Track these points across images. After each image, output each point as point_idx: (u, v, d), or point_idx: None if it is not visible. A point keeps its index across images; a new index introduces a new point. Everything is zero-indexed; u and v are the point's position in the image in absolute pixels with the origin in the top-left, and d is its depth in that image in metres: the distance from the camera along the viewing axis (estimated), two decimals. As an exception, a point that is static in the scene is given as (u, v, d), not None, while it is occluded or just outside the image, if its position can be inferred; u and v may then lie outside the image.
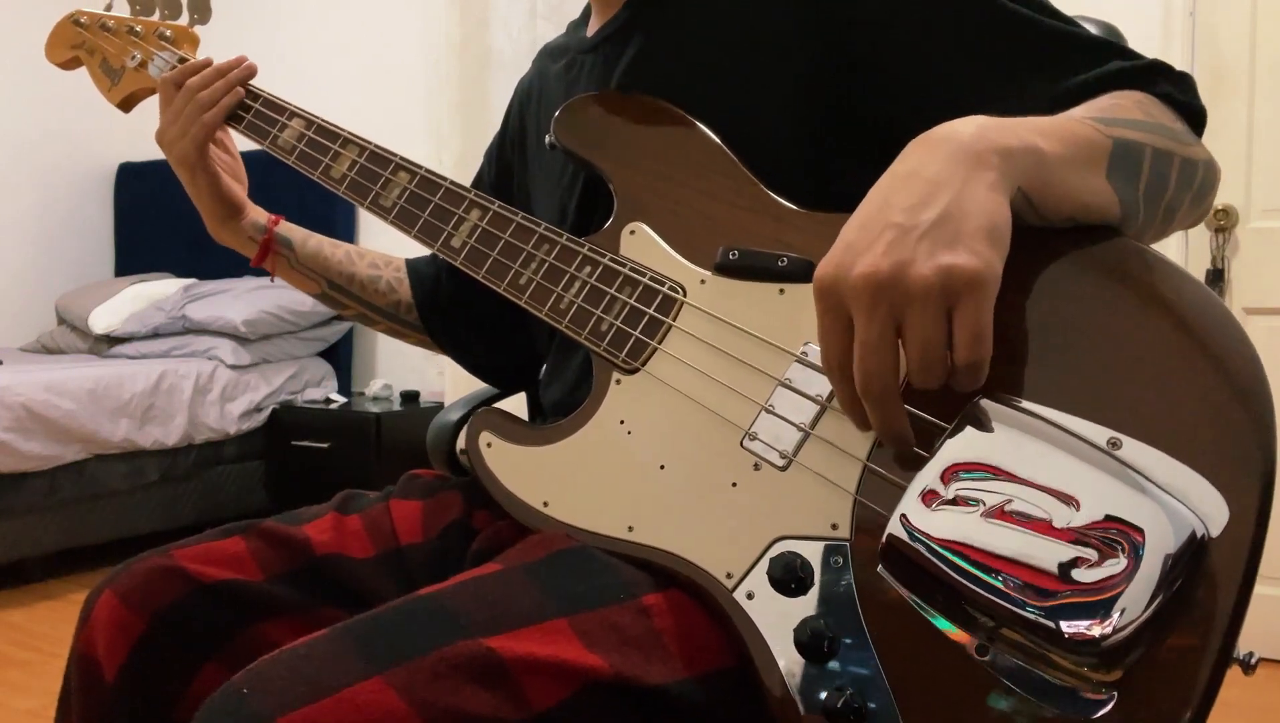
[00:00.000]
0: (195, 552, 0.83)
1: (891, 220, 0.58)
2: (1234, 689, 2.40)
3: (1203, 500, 0.56)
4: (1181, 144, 0.71)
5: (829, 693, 0.59)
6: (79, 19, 1.13)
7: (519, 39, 3.11)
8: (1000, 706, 0.56)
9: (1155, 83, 0.73)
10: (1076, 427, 0.59)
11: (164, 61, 1.08)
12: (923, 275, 0.56)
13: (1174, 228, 0.73)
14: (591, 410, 0.77)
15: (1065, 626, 0.54)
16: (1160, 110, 0.72)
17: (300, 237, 1.07)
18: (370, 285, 1.09)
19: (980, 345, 0.57)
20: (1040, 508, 0.56)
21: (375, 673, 0.58)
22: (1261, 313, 2.38)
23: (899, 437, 0.61)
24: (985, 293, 0.56)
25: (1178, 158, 0.69)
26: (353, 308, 1.10)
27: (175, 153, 1.00)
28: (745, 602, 0.65)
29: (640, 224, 0.81)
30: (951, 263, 0.56)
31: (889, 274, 0.56)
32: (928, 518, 0.58)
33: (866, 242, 0.58)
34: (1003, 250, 0.58)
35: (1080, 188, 0.64)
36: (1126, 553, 0.54)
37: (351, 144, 0.95)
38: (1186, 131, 0.73)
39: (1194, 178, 0.71)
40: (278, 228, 1.05)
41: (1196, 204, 0.73)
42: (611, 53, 0.90)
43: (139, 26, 1.11)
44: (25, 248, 4.01)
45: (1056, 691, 0.55)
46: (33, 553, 2.89)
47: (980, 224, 0.57)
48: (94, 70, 1.13)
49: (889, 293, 0.57)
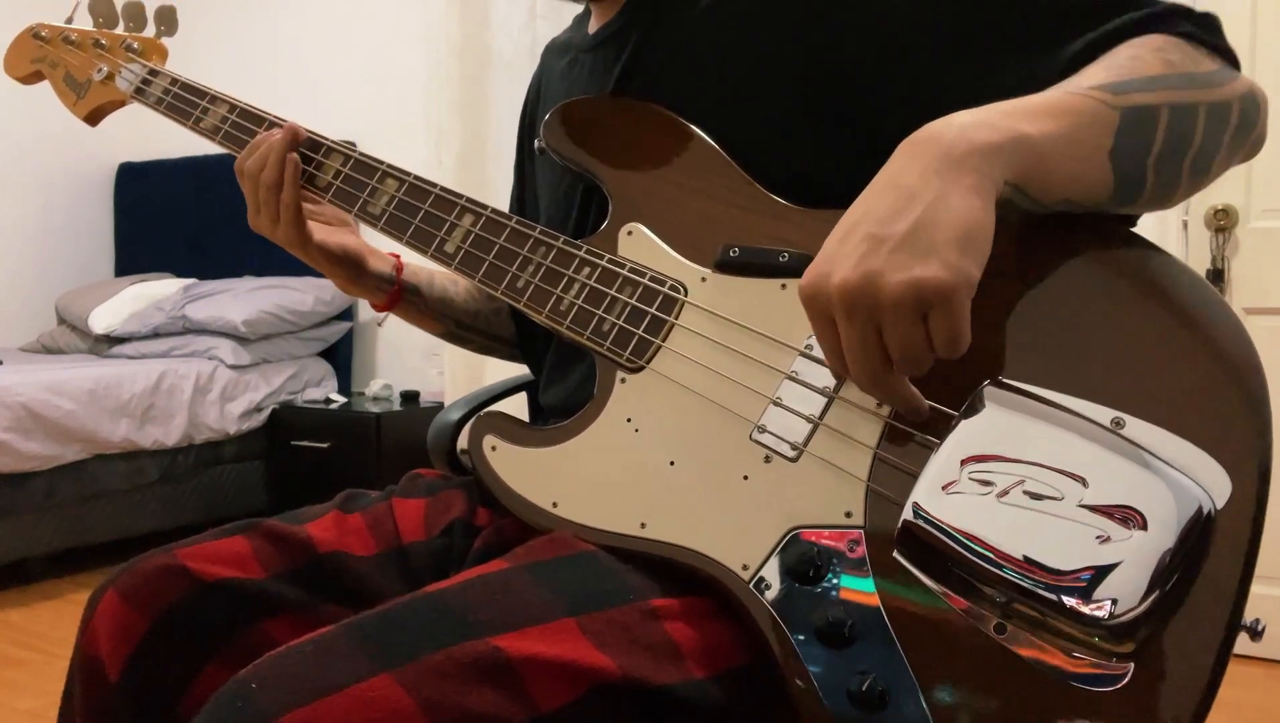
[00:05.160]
0: (198, 551, 0.82)
1: (866, 231, 0.59)
2: (1234, 689, 2.40)
3: (1206, 474, 0.58)
4: (1208, 87, 0.68)
5: (851, 679, 0.60)
6: (40, 32, 1.12)
7: (519, 39, 3.11)
8: (1019, 682, 0.57)
9: (1175, 24, 0.71)
10: (1080, 408, 0.61)
11: (133, 74, 1.06)
12: (892, 288, 0.57)
13: (1219, 171, 0.71)
14: (597, 410, 0.77)
15: (1079, 601, 0.56)
16: (1183, 53, 0.69)
17: (425, 279, 1.06)
18: (495, 318, 1.10)
19: (956, 346, 0.58)
20: (1051, 487, 0.58)
21: (382, 670, 0.58)
22: (1261, 313, 2.38)
23: (910, 407, 0.63)
24: (956, 300, 0.57)
25: (1203, 106, 0.67)
26: (477, 342, 1.11)
27: (280, 239, 0.96)
28: (762, 593, 0.65)
29: (637, 225, 0.81)
30: (920, 276, 0.57)
31: (859, 286, 0.58)
32: (941, 502, 0.60)
33: (843, 253, 0.60)
34: (978, 256, 0.59)
35: (1074, 169, 0.64)
36: (1137, 528, 0.56)
37: (335, 153, 0.94)
38: (1216, 71, 0.70)
39: (1228, 118, 0.69)
40: (404, 276, 1.03)
41: (1240, 141, 0.71)
42: (610, 53, 0.90)
43: (104, 39, 1.09)
44: (25, 248, 4.01)
45: (1074, 665, 0.57)
46: (33, 553, 2.89)
47: (952, 233, 0.58)
48: (57, 84, 1.11)
49: (862, 303, 0.58)
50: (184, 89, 1.04)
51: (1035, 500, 0.58)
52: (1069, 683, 0.57)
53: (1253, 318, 2.39)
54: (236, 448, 3.35)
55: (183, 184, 3.95)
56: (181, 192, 3.96)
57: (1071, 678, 0.57)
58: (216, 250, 3.89)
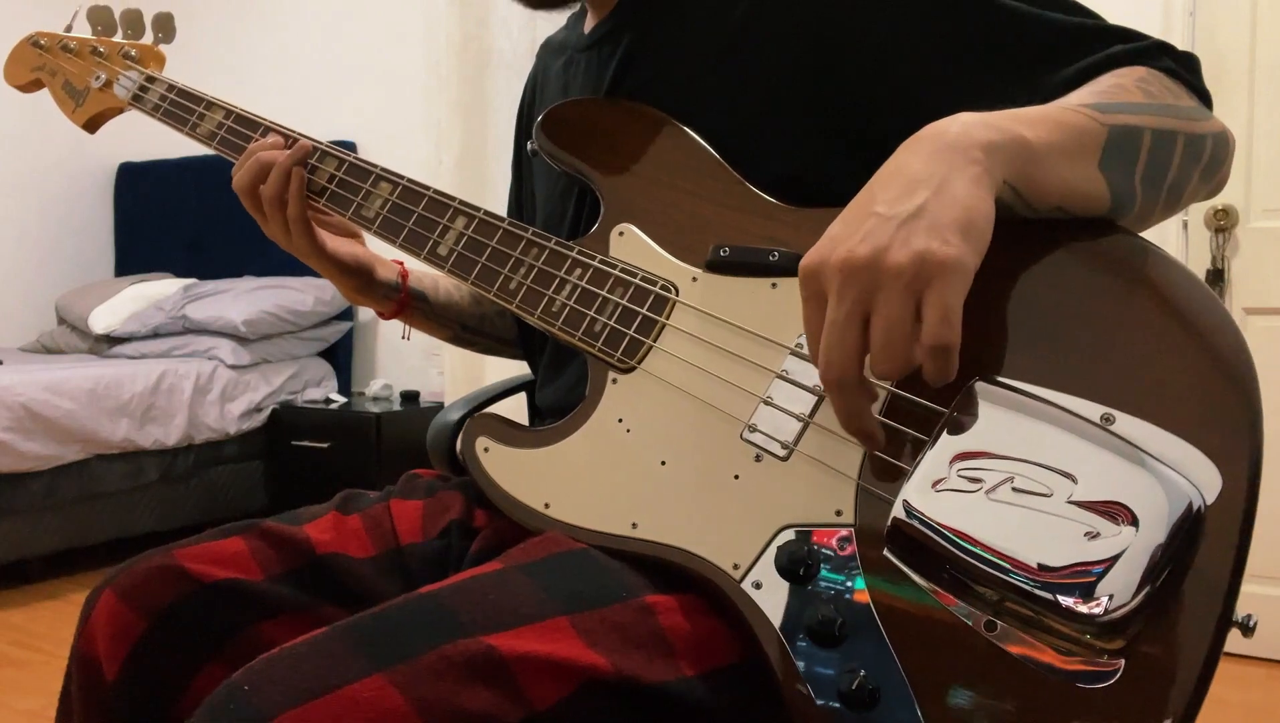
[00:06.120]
0: (196, 551, 0.83)
1: (873, 211, 0.60)
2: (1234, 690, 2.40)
3: (1196, 470, 0.58)
4: (1186, 120, 0.70)
5: (841, 676, 0.60)
6: (39, 41, 1.13)
7: (519, 39, 3.11)
8: (1010, 679, 0.57)
9: (1158, 59, 0.73)
10: (1070, 404, 0.61)
11: (130, 81, 1.07)
12: (896, 259, 0.57)
13: (1186, 202, 0.73)
14: (589, 411, 0.77)
15: (1069, 598, 0.55)
16: (1163, 86, 0.72)
17: (430, 286, 1.06)
18: (500, 320, 1.11)
19: (947, 327, 0.57)
20: (1041, 484, 0.58)
21: (376, 671, 0.58)
22: (1261, 313, 2.39)
23: (863, 432, 0.62)
24: (956, 279, 0.57)
25: (1181, 136, 0.70)
26: (482, 344, 1.12)
27: (293, 250, 0.96)
28: (753, 592, 0.65)
29: (628, 225, 0.82)
30: (925, 247, 0.57)
31: (865, 258, 0.58)
32: (931, 500, 0.60)
33: (848, 233, 0.60)
34: (978, 244, 0.59)
35: (1068, 176, 0.65)
36: (1127, 523, 0.56)
37: (330, 157, 0.94)
38: (1194, 107, 0.73)
39: (1201, 153, 0.71)
40: (410, 283, 1.04)
41: (1208, 177, 0.73)
42: (605, 53, 0.90)
43: (102, 47, 1.10)
44: (25, 248, 4.01)
45: (1064, 662, 0.57)
46: (33, 553, 2.89)
47: (956, 216, 0.58)
48: (56, 92, 1.12)
49: (862, 275, 0.58)
50: (180, 95, 1.04)
51: (1025, 497, 0.58)
52: (1060, 680, 0.57)
53: (1253, 318, 2.39)
54: (236, 448, 3.35)
55: (183, 184, 3.95)
56: (181, 192, 3.96)
57: (1062, 675, 0.57)
58: (216, 250, 3.89)
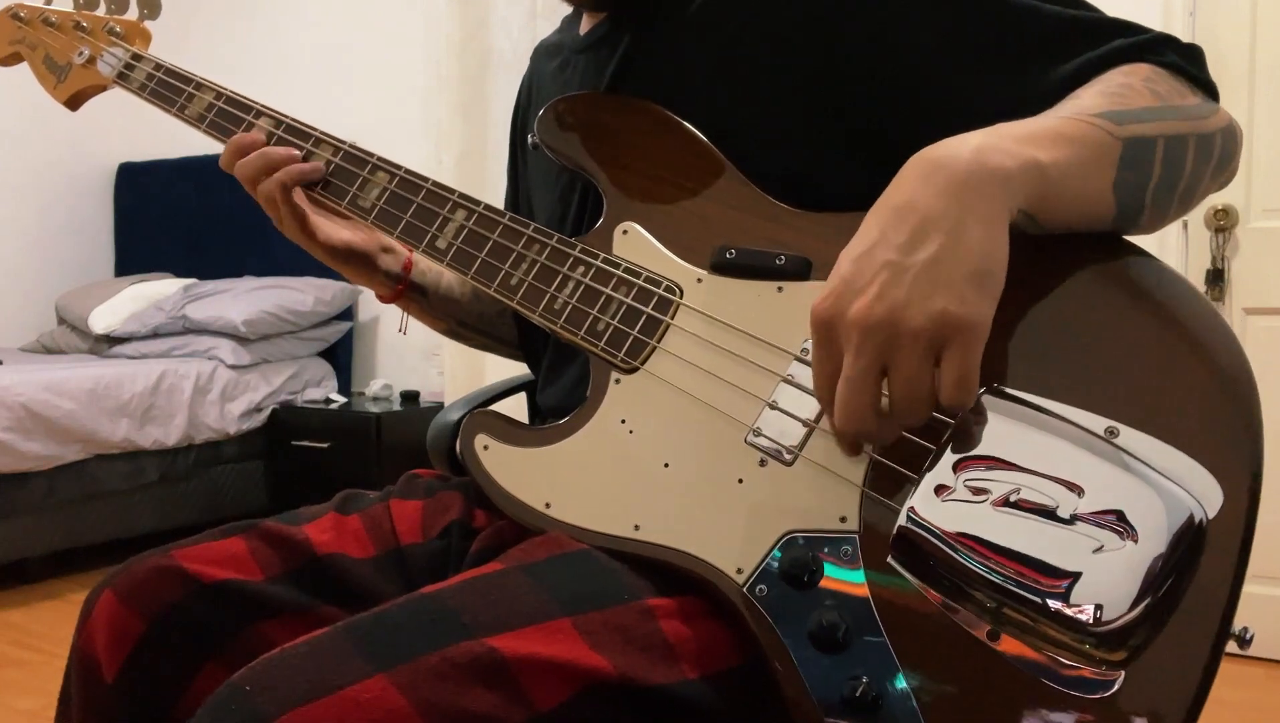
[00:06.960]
0: (195, 552, 0.82)
1: (886, 258, 0.59)
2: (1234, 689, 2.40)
3: (1198, 484, 0.59)
4: (1195, 119, 0.70)
5: (844, 683, 0.60)
6: (19, 13, 1.10)
7: (519, 39, 3.11)
8: (1012, 688, 0.58)
9: (1162, 54, 0.73)
10: (1076, 417, 0.61)
11: (114, 58, 1.04)
12: (915, 323, 0.57)
13: (1200, 198, 0.73)
14: (591, 411, 0.76)
15: (1073, 609, 0.56)
16: (1169, 84, 0.71)
17: (433, 281, 1.06)
18: (499, 320, 1.11)
19: (964, 390, 0.58)
20: (1046, 496, 0.59)
21: (378, 672, 0.58)
22: (1261, 313, 2.38)
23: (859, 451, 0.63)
24: (974, 339, 0.58)
25: (1192, 137, 0.69)
26: (476, 340, 1.12)
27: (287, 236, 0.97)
28: (757, 597, 0.65)
29: (633, 224, 0.81)
30: (944, 308, 0.57)
31: (882, 317, 0.58)
32: (937, 509, 0.60)
33: (862, 280, 0.59)
34: (994, 296, 0.59)
35: (1080, 197, 0.65)
36: (1130, 537, 0.56)
37: (325, 144, 0.93)
38: (1201, 104, 0.72)
39: (1212, 150, 0.71)
40: (413, 276, 1.04)
41: (1220, 171, 0.73)
42: (602, 55, 0.90)
43: (85, 21, 1.07)
44: (25, 248, 4.01)
45: (1065, 672, 0.57)
46: (33, 553, 2.89)
47: (973, 267, 0.58)
48: (36, 67, 1.08)
49: (879, 335, 0.58)
50: (169, 74, 1.01)
51: (1030, 508, 0.58)
52: (1061, 690, 0.57)
53: (1253, 318, 2.39)
54: (236, 448, 3.35)
55: (183, 184, 3.95)
56: (181, 192, 3.96)
57: (1063, 684, 0.57)
58: (216, 250, 3.89)
